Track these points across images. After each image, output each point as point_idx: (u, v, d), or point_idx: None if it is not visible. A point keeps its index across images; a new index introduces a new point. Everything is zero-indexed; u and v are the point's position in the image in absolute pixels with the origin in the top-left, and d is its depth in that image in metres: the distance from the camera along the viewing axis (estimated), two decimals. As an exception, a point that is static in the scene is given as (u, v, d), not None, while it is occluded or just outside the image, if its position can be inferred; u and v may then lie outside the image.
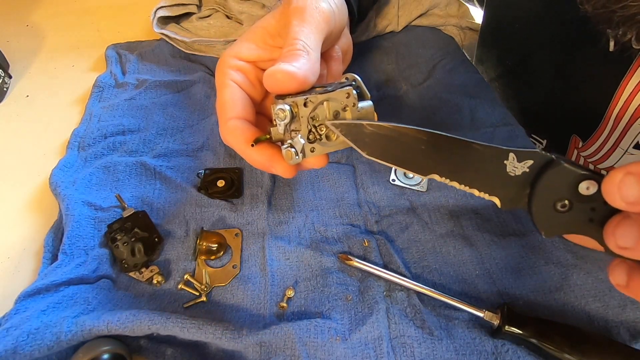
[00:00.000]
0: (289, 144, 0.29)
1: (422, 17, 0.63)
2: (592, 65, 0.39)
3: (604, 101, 0.39)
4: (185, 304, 0.36)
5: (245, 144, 0.31)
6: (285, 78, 0.28)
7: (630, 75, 0.35)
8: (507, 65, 0.55)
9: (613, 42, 0.35)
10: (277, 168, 0.32)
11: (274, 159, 0.31)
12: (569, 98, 0.45)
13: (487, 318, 0.33)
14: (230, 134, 0.32)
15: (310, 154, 0.30)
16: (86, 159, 0.47)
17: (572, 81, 0.43)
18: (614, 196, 0.20)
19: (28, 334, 0.32)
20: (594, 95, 0.41)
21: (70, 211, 0.41)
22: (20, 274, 0.40)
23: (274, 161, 0.31)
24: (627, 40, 0.33)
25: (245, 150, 0.32)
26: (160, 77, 0.58)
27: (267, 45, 0.35)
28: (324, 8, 0.33)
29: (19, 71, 0.61)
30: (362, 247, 0.40)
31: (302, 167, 0.34)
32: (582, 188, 0.23)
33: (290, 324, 0.34)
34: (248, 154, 0.32)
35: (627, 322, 0.35)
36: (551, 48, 0.45)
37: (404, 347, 0.33)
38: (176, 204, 0.44)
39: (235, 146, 0.32)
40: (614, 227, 0.21)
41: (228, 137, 0.32)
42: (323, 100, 0.28)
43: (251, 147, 0.31)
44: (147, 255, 0.38)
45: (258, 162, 0.32)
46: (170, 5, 0.62)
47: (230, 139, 0.32)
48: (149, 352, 0.34)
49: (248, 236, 0.41)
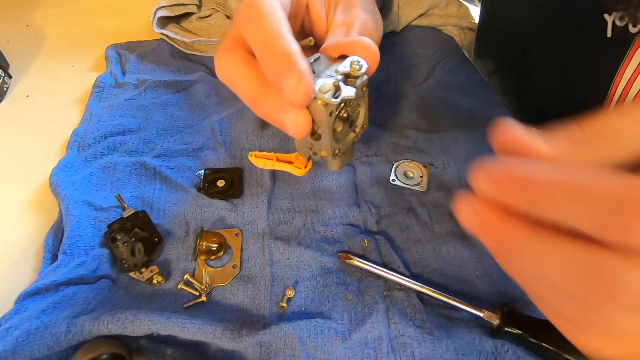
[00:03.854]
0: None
1: (422, 17, 0.63)
2: (590, 54, 0.39)
3: (603, 89, 0.39)
4: (185, 304, 0.36)
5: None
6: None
7: (628, 61, 0.35)
8: (505, 58, 0.55)
9: (611, 28, 0.35)
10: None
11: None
12: (568, 89, 0.45)
13: (487, 318, 0.33)
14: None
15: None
16: (86, 159, 0.47)
17: (570, 72, 0.43)
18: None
19: (28, 334, 0.32)
20: (593, 84, 0.40)
21: (70, 211, 0.41)
22: (20, 274, 0.40)
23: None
24: (624, 25, 0.33)
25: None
26: (160, 77, 0.58)
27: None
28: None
29: (19, 71, 0.61)
30: (362, 247, 0.40)
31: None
32: None
33: (290, 324, 0.34)
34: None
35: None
36: (549, 40, 0.45)
37: (404, 347, 0.33)
38: (176, 204, 0.44)
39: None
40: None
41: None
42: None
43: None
44: (147, 255, 0.38)
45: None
46: (170, 5, 0.61)
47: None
48: (149, 352, 0.34)
49: (248, 236, 0.41)
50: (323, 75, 0.26)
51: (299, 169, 0.46)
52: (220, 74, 0.28)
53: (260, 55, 0.25)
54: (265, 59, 0.25)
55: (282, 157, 0.47)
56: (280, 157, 0.47)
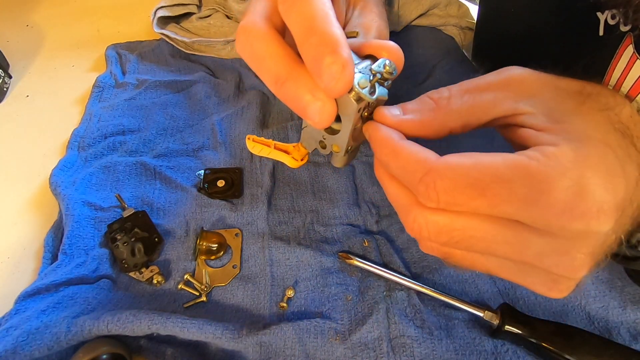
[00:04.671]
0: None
1: (422, 17, 0.63)
2: (583, 53, 0.39)
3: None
4: (185, 304, 0.36)
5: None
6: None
7: (617, 59, 0.35)
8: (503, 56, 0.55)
9: (603, 27, 0.35)
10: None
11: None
12: None
13: (487, 318, 0.33)
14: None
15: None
16: (86, 159, 0.47)
17: (564, 71, 0.43)
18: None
19: (28, 334, 0.32)
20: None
21: (70, 211, 0.41)
22: (20, 274, 0.40)
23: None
24: (616, 23, 0.33)
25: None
26: (160, 77, 0.58)
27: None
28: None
29: (19, 71, 0.61)
30: (362, 247, 0.40)
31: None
32: None
33: (290, 324, 0.34)
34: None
35: (628, 322, 0.35)
36: (544, 38, 0.45)
37: (403, 347, 0.33)
38: (176, 204, 0.44)
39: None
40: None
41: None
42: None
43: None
44: (147, 255, 0.38)
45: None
46: (170, 5, 0.62)
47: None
48: (149, 352, 0.34)
49: (248, 236, 0.41)
50: (356, 70, 0.25)
51: (295, 161, 0.46)
52: (241, 49, 0.26)
53: (302, 35, 0.24)
54: (309, 40, 0.23)
55: (280, 145, 0.47)
56: (278, 145, 0.47)
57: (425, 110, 0.25)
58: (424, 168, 0.21)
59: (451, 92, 0.26)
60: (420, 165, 0.22)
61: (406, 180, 0.23)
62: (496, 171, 0.20)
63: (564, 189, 0.19)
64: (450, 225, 0.22)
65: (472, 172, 0.20)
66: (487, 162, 0.21)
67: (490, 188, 0.20)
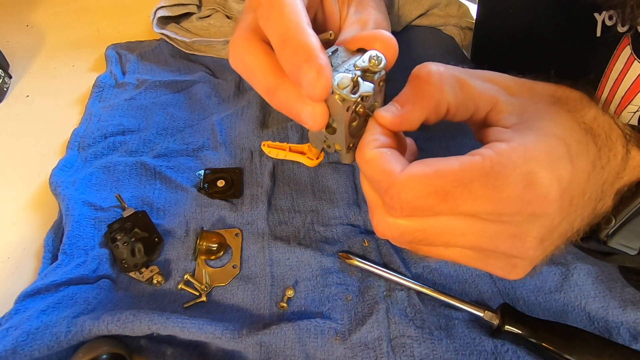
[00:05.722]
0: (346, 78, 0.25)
1: (422, 17, 0.63)
2: (580, 54, 0.39)
3: (592, 90, 0.39)
4: (185, 304, 0.36)
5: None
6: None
7: (614, 61, 0.35)
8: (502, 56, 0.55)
9: (600, 28, 0.35)
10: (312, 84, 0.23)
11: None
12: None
13: (487, 318, 0.33)
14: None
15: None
16: (86, 159, 0.47)
17: (562, 72, 0.44)
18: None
19: (28, 334, 0.32)
20: (583, 84, 0.41)
21: (70, 211, 0.41)
22: (20, 274, 0.40)
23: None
24: (613, 24, 0.33)
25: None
26: (160, 77, 0.58)
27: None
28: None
29: (19, 71, 0.61)
30: (362, 247, 0.40)
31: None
32: None
33: (290, 324, 0.34)
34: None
35: (628, 322, 0.35)
36: (542, 38, 0.45)
37: (403, 347, 0.33)
38: (176, 204, 0.44)
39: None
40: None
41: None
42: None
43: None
44: (147, 255, 0.38)
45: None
46: (170, 5, 0.62)
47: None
48: (149, 352, 0.34)
49: (248, 236, 0.41)
50: (341, 69, 0.26)
51: (311, 160, 0.46)
52: (234, 63, 0.28)
53: (278, 46, 0.25)
54: (284, 51, 0.24)
55: (295, 147, 0.48)
56: (293, 147, 0.47)
57: (420, 93, 0.25)
58: (388, 180, 0.23)
59: (440, 69, 0.26)
60: (385, 177, 0.23)
61: (375, 187, 0.25)
62: (455, 176, 0.22)
63: (514, 183, 0.21)
64: (412, 227, 0.24)
65: (432, 180, 0.22)
66: (446, 168, 0.22)
67: (451, 193, 0.22)
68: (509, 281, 0.37)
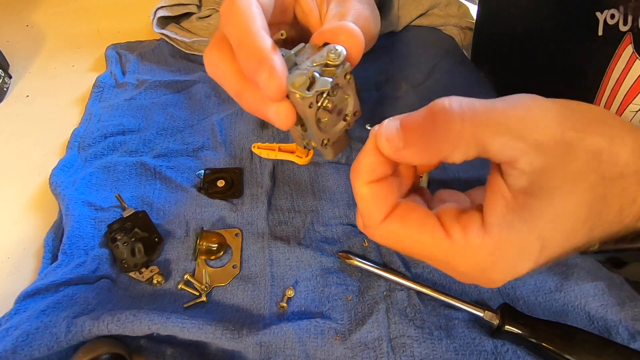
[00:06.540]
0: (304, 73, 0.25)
1: (422, 17, 0.63)
2: (582, 53, 0.39)
3: (593, 89, 0.39)
4: (185, 304, 0.36)
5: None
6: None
7: (616, 60, 0.35)
8: (502, 56, 0.55)
9: (602, 26, 0.35)
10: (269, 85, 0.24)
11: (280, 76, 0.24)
12: (561, 88, 0.46)
13: (487, 318, 0.33)
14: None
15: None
16: (86, 159, 0.47)
17: (563, 71, 0.43)
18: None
19: (28, 334, 0.32)
20: (584, 83, 0.41)
21: (70, 211, 0.41)
22: (20, 274, 0.40)
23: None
24: (615, 23, 0.33)
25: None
26: (160, 77, 0.58)
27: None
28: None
29: (19, 71, 0.61)
30: (362, 247, 0.40)
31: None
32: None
33: (290, 324, 0.34)
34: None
35: (627, 321, 0.35)
36: (543, 38, 0.45)
37: (403, 347, 0.33)
38: (176, 204, 0.44)
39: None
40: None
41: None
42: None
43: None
44: (147, 255, 0.38)
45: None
46: (170, 5, 0.62)
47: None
48: (149, 352, 0.34)
49: (248, 236, 0.41)
50: (303, 66, 0.26)
51: (301, 158, 0.47)
52: (209, 71, 0.29)
53: (236, 51, 0.26)
54: (240, 55, 0.25)
55: (284, 147, 0.48)
56: (282, 147, 0.48)
57: (432, 140, 0.22)
58: (369, 222, 0.24)
59: (464, 110, 0.21)
60: (367, 218, 0.24)
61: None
62: (421, 250, 0.23)
63: (470, 274, 0.23)
64: (390, 241, 0.25)
65: (401, 244, 0.24)
66: (417, 236, 0.23)
67: (418, 256, 0.24)
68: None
